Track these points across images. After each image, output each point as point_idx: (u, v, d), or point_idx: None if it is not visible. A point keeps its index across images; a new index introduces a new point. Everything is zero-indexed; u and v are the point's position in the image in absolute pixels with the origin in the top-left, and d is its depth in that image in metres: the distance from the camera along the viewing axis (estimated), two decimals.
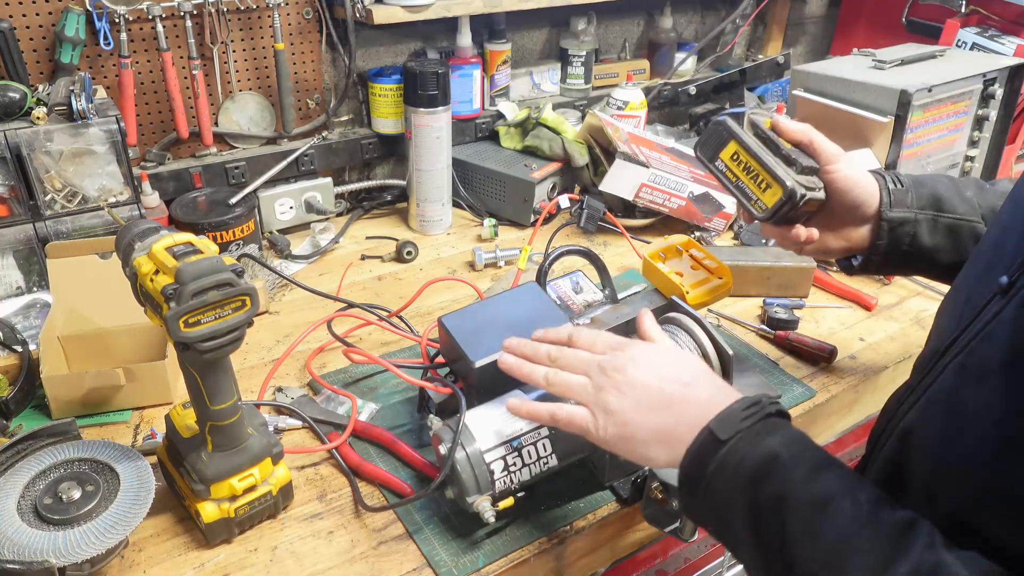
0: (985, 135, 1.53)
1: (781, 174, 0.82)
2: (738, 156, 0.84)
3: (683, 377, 0.68)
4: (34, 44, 1.20)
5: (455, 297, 1.25)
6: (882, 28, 1.92)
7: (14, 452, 0.78)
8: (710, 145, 0.87)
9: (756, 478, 0.58)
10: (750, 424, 0.61)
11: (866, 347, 1.15)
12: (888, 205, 0.86)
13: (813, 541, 0.55)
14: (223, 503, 0.78)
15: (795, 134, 0.85)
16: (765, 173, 0.83)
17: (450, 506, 0.84)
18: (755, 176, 0.84)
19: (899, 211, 0.86)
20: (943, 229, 0.87)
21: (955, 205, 0.87)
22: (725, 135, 0.85)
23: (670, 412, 0.66)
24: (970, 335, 0.59)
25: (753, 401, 0.63)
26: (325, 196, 1.47)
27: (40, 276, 1.18)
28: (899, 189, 0.87)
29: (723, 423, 0.62)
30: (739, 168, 0.85)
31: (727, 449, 0.60)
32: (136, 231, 0.72)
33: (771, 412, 0.62)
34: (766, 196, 0.83)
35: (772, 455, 0.59)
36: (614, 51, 1.86)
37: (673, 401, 0.66)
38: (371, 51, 1.51)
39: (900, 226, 0.86)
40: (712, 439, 0.61)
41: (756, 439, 0.60)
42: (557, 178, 1.52)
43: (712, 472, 0.60)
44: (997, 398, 0.54)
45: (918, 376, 0.66)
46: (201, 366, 0.71)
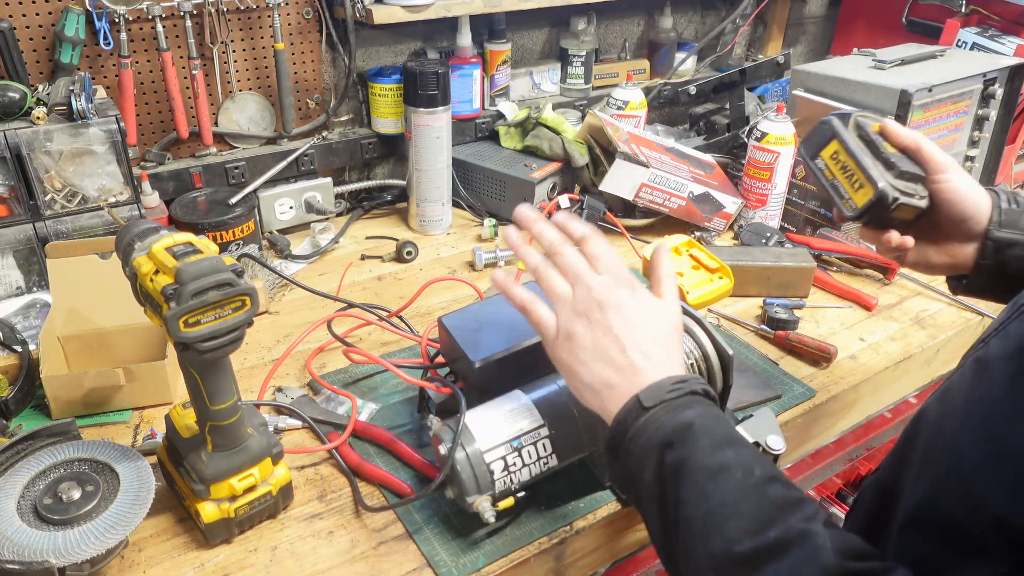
0: (985, 135, 1.53)
1: (875, 175, 0.81)
2: (838, 155, 0.84)
3: (649, 349, 0.68)
4: (34, 44, 1.20)
5: (455, 297, 1.25)
6: (882, 28, 1.92)
7: (14, 452, 0.78)
8: (812, 143, 0.87)
9: (667, 443, 0.62)
10: (674, 397, 0.64)
11: (866, 347, 1.15)
12: (997, 224, 0.82)
13: (700, 502, 0.58)
14: (223, 503, 0.78)
15: (904, 140, 0.83)
16: (860, 173, 0.82)
17: (450, 506, 0.84)
18: (850, 175, 0.83)
19: (1009, 232, 0.82)
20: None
21: None
22: (828, 134, 0.85)
23: (619, 375, 0.67)
24: (994, 331, 0.60)
25: (682, 379, 0.66)
26: (325, 196, 1.47)
27: (40, 276, 1.18)
28: (1013, 209, 0.83)
29: (650, 393, 0.65)
30: (837, 167, 0.85)
31: (648, 416, 0.63)
32: (136, 231, 0.72)
33: (696, 390, 0.65)
34: (857, 196, 0.83)
35: (686, 424, 0.62)
36: (614, 51, 1.86)
37: (628, 367, 0.67)
38: (371, 51, 1.51)
39: (1008, 248, 0.82)
40: (638, 406, 0.64)
41: (676, 410, 0.63)
42: (557, 178, 1.52)
43: (631, 436, 0.64)
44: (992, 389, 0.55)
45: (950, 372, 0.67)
46: (201, 366, 0.71)
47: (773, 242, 1.36)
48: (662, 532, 0.62)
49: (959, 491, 0.55)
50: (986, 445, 0.53)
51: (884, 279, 1.32)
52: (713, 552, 0.56)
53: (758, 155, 1.40)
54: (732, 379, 0.83)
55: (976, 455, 0.54)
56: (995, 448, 0.53)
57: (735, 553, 0.55)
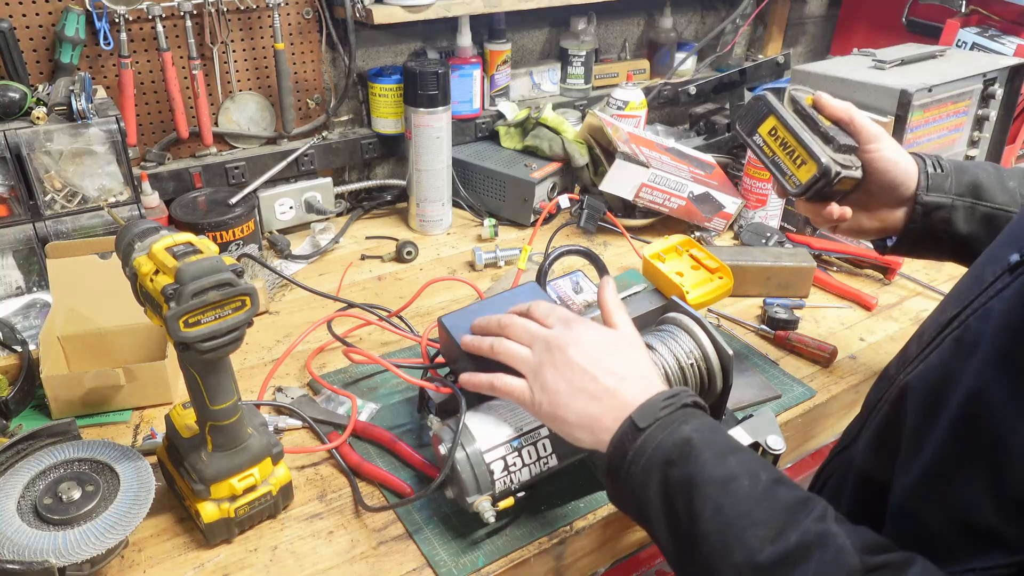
0: (985, 135, 1.52)
1: (816, 150, 0.82)
2: (776, 131, 0.85)
3: (618, 370, 0.69)
4: (34, 44, 1.20)
5: (455, 297, 1.25)
6: (882, 28, 1.92)
7: (14, 452, 0.78)
8: (749, 120, 0.88)
9: (669, 461, 0.62)
10: (667, 413, 0.64)
11: (866, 347, 1.15)
12: (925, 188, 0.85)
13: (716, 516, 0.58)
14: (223, 503, 0.78)
15: (836, 111, 0.85)
16: (801, 149, 0.83)
17: (450, 506, 0.84)
18: (791, 152, 0.84)
19: (935, 195, 0.85)
20: (980, 217, 0.86)
21: (995, 194, 0.86)
22: (764, 110, 0.86)
23: (599, 403, 0.68)
24: (971, 310, 0.60)
25: (672, 393, 0.66)
26: (325, 196, 1.47)
27: (40, 276, 1.18)
28: (938, 173, 0.86)
29: (643, 412, 0.65)
30: (776, 143, 0.85)
31: (645, 436, 0.64)
32: (136, 231, 0.72)
33: (687, 403, 0.66)
34: (800, 172, 0.84)
35: (685, 440, 0.62)
36: (614, 51, 1.86)
37: (604, 393, 0.68)
38: (371, 51, 1.51)
39: (935, 211, 0.86)
40: (632, 428, 0.65)
41: (672, 427, 0.63)
42: (557, 178, 1.52)
43: (631, 458, 0.64)
44: (980, 370, 0.55)
45: (918, 346, 0.67)
46: (201, 366, 0.71)
47: (773, 242, 1.36)
48: (676, 550, 0.62)
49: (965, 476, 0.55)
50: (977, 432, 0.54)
51: (884, 279, 1.32)
52: (737, 564, 0.56)
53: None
54: (732, 379, 0.83)
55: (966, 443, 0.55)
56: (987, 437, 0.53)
57: (758, 563, 0.55)
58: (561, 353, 0.71)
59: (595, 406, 0.68)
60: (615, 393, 0.68)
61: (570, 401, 0.70)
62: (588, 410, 0.69)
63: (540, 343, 0.73)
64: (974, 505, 0.54)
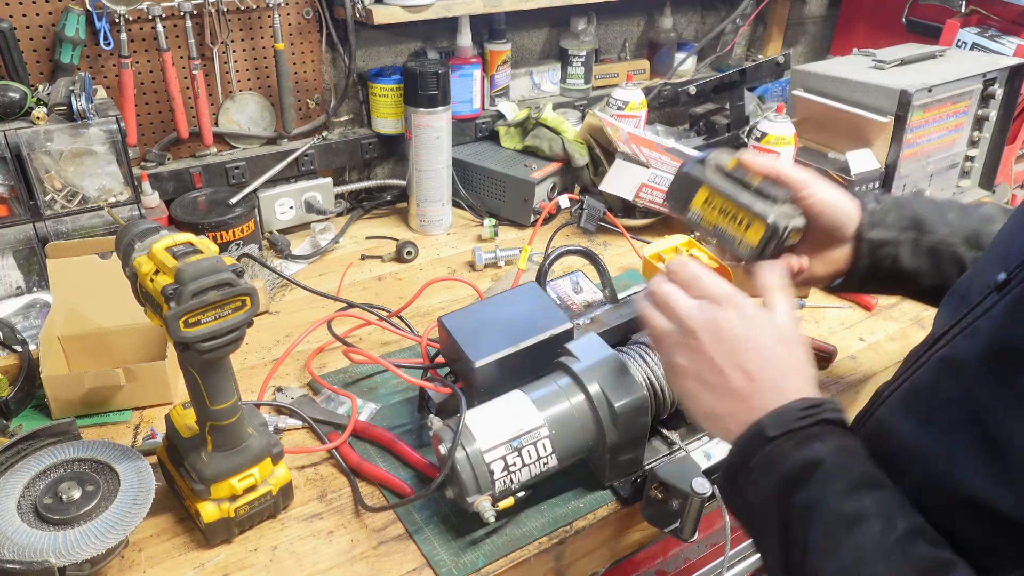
0: (985, 135, 1.53)
1: (759, 209, 0.78)
2: (711, 200, 0.81)
3: (751, 368, 0.64)
4: (34, 44, 1.20)
5: (455, 297, 1.25)
6: (882, 28, 1.92)
7: (14, 452, 0.78)
8: (679, 196, 0.84)
9: (794, 480, 0.57)
10: (803, 426, 0.59)
11: (866, 347, 1.15)
12: (869, 225, 0.84)
13: (831, 555, 0.53)
14: (223, 503, 0.78)
15: (760, 168, 0.81)
16: (743, 212, 0.79)
17: (450, 506, 0.84)
18: (733, 217, 0.80)
19: (879, 232, 0.84)
20: (924, 251, 0.85)
21: (937, 227, 0.85)
22: (693, 183, 0.82)
23: (724, 403, 0.64)
24: (958, 329, 0.60)
25: (814, 403, 0.61)
26: (325, 196, 1.47)
27: (40, 276, 1.18)
28: (880, 208, 0.85)
29: (776, 420, 0.60)
30: (715, 213, 0.81)
31: (772, 447, 0.59)
32: (136, 231, 0.72)
33: (829, 418, 0.60)
34: (749, 235, 0.79)
35: (816, 461, 0.57)
36: (614, 51, 1.86)
37: (731, 394, 0.64)
38: (371, 51, 1.51)
39: (881, 247, 0.84)
40: (761, 434, 0.60)
41: (804, 442, 0.58)
42: (557, 178, 1.52)
43: (754, 467, 0.59)
44: (972, 392, 0.55)
45: (904, 367, 0.67)
46: (201, 366, 0.71)
47: None
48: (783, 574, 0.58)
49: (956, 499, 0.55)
50: (983, 447, 0.53)
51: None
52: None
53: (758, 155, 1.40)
54: None
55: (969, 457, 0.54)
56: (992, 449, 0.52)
57: None
58: (693, 336, 0.66)
59: (720, 405, 0.64)
60: (742, 396, 0.63)
61: (697, 392, 0.66)
62: (712, 407, 0.65)
63: (675, 318, 0.68)
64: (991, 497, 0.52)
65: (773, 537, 0.58)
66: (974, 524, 0.53)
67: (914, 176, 1.46)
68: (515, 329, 0.88)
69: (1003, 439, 0.51)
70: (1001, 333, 0.54)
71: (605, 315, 0.95)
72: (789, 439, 0.58)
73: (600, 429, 0.81)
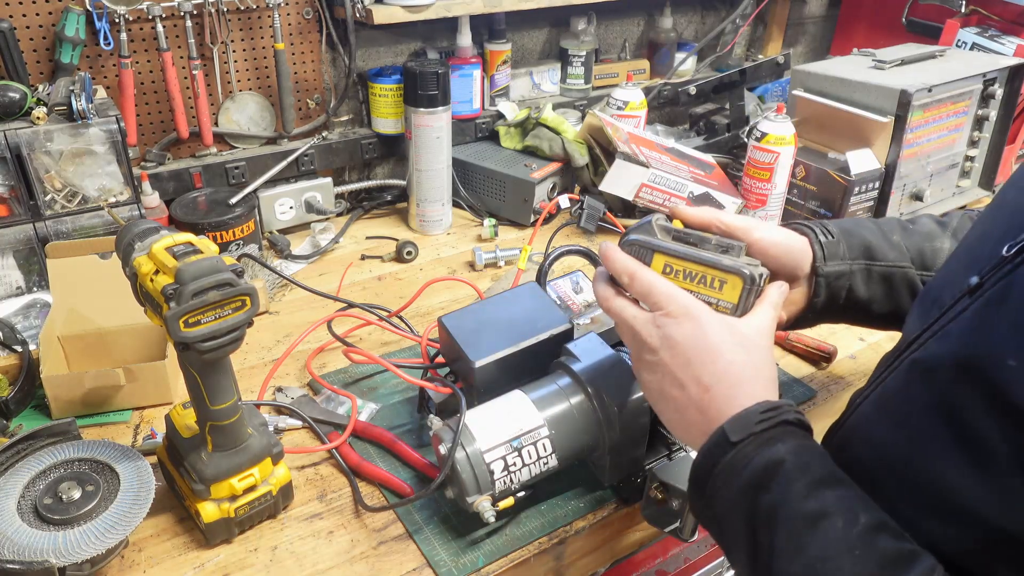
0: (985, 135, 1.53)
1: (730, 264, 0.72)
2: (671, 267, 0.74)
3: (705, 379, 0.64)
4: (34, 44, 1.20)
5: (455, 297, 1.25)
6: (882, 28, 1.92)
7: (14, 452, 0.78)
8: None
9: (758, 484, 0.57)
10: (763, 428, 0.59)
11: (866, 347, 1.15)
12: (823, 259, 0.81)
13: (796, 555, 0.53)
14: (223, 503, 0.78)
15: (701, 218, 0.77)
16: (714, 271, 0.72)
17: (450, 506, 0.84)
18: (702, 279, 0.73)
19: (834, 264, 0.82)
20: (877, 278, 0.83)
21: (885, 252, 0.83)
22: (645, 252, 0.74)
23: (685, 414, 0.65)
24: (929, 333, 0.59)
25: (772, 406, 0.61)
26: (325, 196, 1.47)
27: (40, 276, 1.18)
28: (831, 241, 0.82)
29: (736, 425, 0.60)
30: (679, 279, 0.73)
31: (735, 452, 0.59)
32: (136, 231, 0.72)
33: (788, 419, 0.60)
34: (725, 293, 0.72)
35: (777, 461, 0.57)
36: (614, 51, 1.86)
37: (689, 405, 0.65)
38: (371, 51, 1.51)
39: (836, 280, 0.82)
40: (723, 441, 0.60)
41: (766, 444, 0.58)
42: (557, 178, 1.52)
43: (718, 473, 0.59)
44: (946, 395, 0.54)
45: (877, 372, 0.66)
46: (201, 366, 0.71)
47: None
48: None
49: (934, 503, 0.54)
50: (960, 450, 0.52)
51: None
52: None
53: (758, 155, 1.40)
54: None
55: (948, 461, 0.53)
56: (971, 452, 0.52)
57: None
58: (654, 354, 0.67)
59: (683, 415, 0.65)
60: (701, 408, 0.63)
61: (660, 404, 0.68)
62: (676, 418, 0.66)
63: (636, 338, 0.69)
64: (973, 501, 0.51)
65: (741, 543, 0.58)
66: (958, 530, 0.53)
67: (914, 176, 1.46)
68: (515, 329, 0.88)
69: (981, 443, 0.51)
70: (973, 338, 0.54)
71: (605, 315, 0.95)
72: (751, 442, 0.59)
73: (600, 429, 0.81)
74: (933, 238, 0.85)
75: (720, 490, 0.59)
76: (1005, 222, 0.60)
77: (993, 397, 0.50)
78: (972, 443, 0.52)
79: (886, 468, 0.60)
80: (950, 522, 0.53)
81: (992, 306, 0.54)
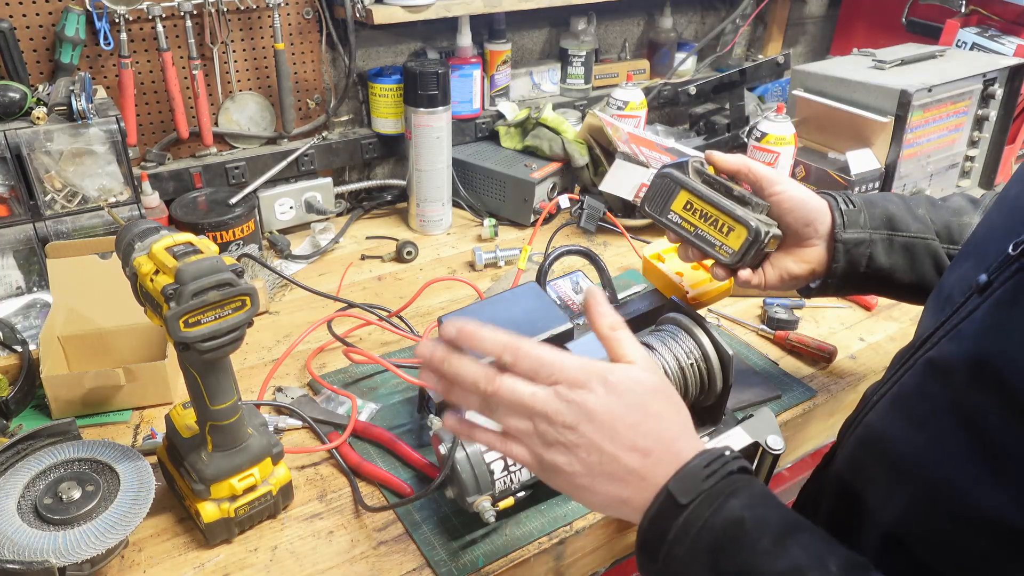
0: (985, 135, 1.53)
1: (742, 215, 0.79)
2: (691, 205, 0.82)
3: (641, 444, 0.58)
4: (34, 44, 1.20)
5: (455, 297, 1.25)
6: (882, 28, 1.92)
7: (14, 452, 0.78)
8: (659, 199, 0.85)
9: (719, 547, 0.54)
10: (712, 484, 0.56)
11: (866, 347, 1.15)
12: (842, 226, 0.84)
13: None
14: (223, 503, 0.78)
15: (732, 164, 0.83)
16: (726, 217, 0.80)
17: (450, 506, 0.84)
18: (714, 222, 0.81)
19: (853, 232, 0.84)
20: (899, 248, 0.85)
21: (908, 223, 0.85)
22: (674, 186, 0.83)
23: (625, 485, 0.59)
24: (943, 332, 0.59)
25: (712, 458, 0.58)
26: (325, 196, 1.47)
27: (40, 276, 1.18)
28: (851, 210, 0.85)
29: (683, 484, 0.56)
30: (695, 217, 0.82)
31: (687, 514, 0.55)
32: (136, 231, 0.73)
33: (732, 470, 0.57)
34: (731, 239, 0.81)
35: (736, 520, 0.54)
36: (614, 51, 1.86)
37: (628, 475, 0.58)
38: (371, 51, 1.51)
39: (856, 247, 0.84)
40: (672, 503, 0.56)
41: (718, 501, 0.55)
42: (557, 178, 1.52)
43: (672, 540, 0.56)
44: (962, 397, 0.55)
45: (891, 370, 0.66)
46: (201, 366, 0.71)
47: None
48: None
49: (952, 505, 0.54)
50: (978, 453, 0.53)
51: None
52: None
53: (758, 155, 1.40)
54: (732, 379, 0.83)
55: (966, 464, 0.53)
56: (989, 455, 0.52)
57: None
58: (570, 432, 0.58)
59: (621, 489, 0.59)
60: (641, 475, 0.58)
61: (589, 484, 0.59)
62: (613, 493, 0.59)
63: (540, 418, 0.59)
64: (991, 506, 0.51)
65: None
66: (976, 532, 0.53)
67: (914, 176, 1.46)
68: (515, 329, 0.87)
69: (1000, 446, 0.51)
70: (987, 339, 0.54)
71: None
72: (702, 502, 0.55)
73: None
74: (962, 213, 0.86)
75: (676, 556, 0.56)
76: (1010, 219, 0.61)
77: (1009, 399, 0.50)
78: (989, 445, 0.52)
79: (903, 469, 0.60)
80: (966, 524, 0.53)
81: (1004, 307, 0.54)
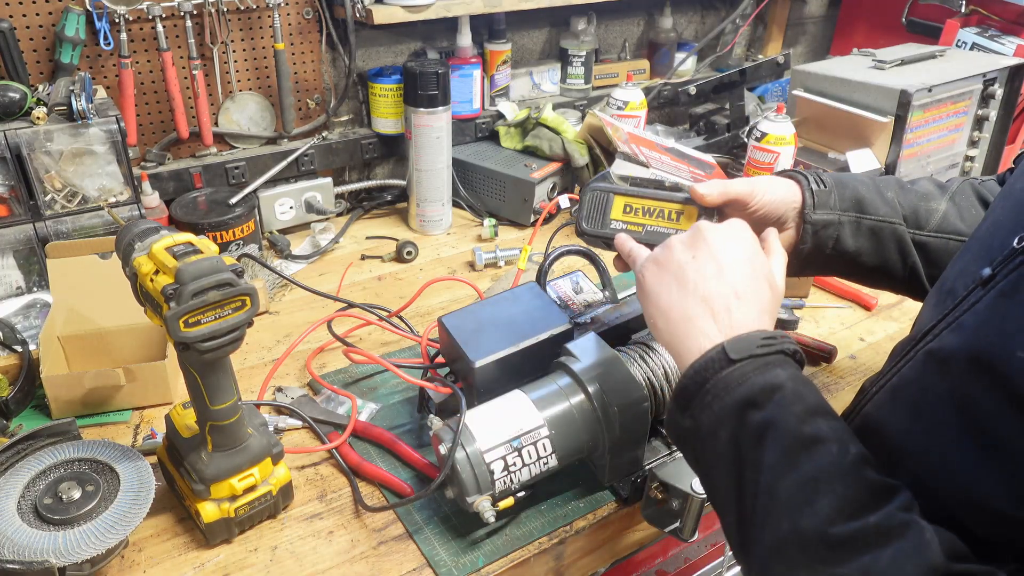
0: (985, 135, 1.53)
1: (683, 197, 0.81)
2: (630, 207, 0.84)
3: (741, 286, 0.65)
4: (34, 44, 1.20)
5: (455, 297, 1.25)
6: (882, 28, 1.92)
7: (14, 452, 0.78)
8: (595, 214, 0.85)
9: (752, 402, 0.57)
10: (765, 353, 0.60)
11: (866, 347, 1.15)
12: (812, 207, 0.83)
13: (789, 471, 0.54)
14: (223, 503, 0.78)
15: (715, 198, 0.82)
16: (670, 204, 0.82)
17: (450, 506, 0.84)
18: (660, 213, 0.82)
19: (823, 213, 0.83)
20: (866, 231, 0.84)
21: (877, 207, 0.84)
22: (607, 196, 0.85)
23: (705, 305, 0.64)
24: (944, 324, 0.60)
25: (773, 335, 0.61)
26: (325, 196, 1.47)
27: (40, 276, 1.18)
28: (822, 190, 0.84)
29: (738, 344, 0.60)
30: (639, 216, 0.83)
31: (733, 369, 0.59)
32: (136, 231, 0.73)
33: (787, 349, 0.61)
34: (682, 223, 0.82)
35: (776, 385, 0.58)
36: (614, 51, 1.86)
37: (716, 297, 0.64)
38: (371, 51, 1.51)
39: (824, 228, 0.83)
40: (723, 356, 0.60)
41: (765, 368, 0.59)
42: (557, 178, 1.52)
43: (710, 388, 0.59)
44: (959, 386, 0.55)
45: (891, 362, 0.67)
46: (201, 366, 0.71)
47: None
48: (734, 496, 0.58)
49: (949, 493, 0.55)
50: (972, 441, 0.53)
51: None
52: (801, 528, 0.53)
53: (758, 155, 1.40)
54: None
55: (961, 452, 0.54)
56: (983, 443, 0.52)
57: (828, 534, 0.51)
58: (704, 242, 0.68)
59: (697, 307, 0.64)
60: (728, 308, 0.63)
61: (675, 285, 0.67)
62: (686, 307, 0.65)
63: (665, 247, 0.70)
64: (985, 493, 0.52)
65: (723, 459, 0.59)
66: (970, 519, 0.53)
67: (914, 176, 1.46)
68: (515, 329, 0.88)
69: (995, 435, 0.52)
70: (986, 330, 0.54)
71: (605, 315, 0.95)
72: (750, 363, 0.59)
73: (600, 429, 0.81)
74: (929, 199, 0.86)
75: (709, 405, 0.59)
76: (1015, 213, 0.61)
77: (1005, 390, 0.50)
78: (986, 436, 0.52)
79: (902, 458, 0.60)
80: (965, 512, 0.54)
81: (1004, 298, 0.54)
